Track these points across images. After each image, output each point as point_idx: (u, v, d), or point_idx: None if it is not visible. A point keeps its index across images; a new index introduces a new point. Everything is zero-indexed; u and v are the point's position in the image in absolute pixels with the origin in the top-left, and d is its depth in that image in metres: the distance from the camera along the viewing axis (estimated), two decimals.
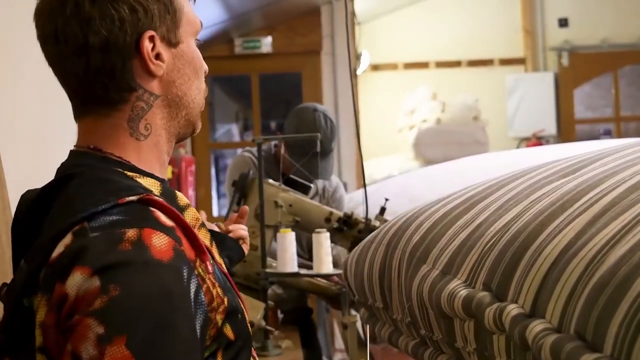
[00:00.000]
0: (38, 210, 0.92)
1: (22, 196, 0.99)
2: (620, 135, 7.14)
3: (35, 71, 2.09)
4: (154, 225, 0.84)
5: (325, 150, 2.53)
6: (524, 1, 7.10)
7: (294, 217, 2.20)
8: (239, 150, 3.43)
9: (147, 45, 0.93)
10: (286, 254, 2.05)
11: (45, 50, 0.96)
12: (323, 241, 2.02)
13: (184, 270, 0.83)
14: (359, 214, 2.21)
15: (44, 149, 2.13)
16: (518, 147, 6.69)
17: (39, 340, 0.84)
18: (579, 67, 6.94)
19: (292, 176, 2.47)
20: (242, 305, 0.97)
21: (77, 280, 0.80)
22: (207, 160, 5.93)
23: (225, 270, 0.99)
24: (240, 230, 1.51)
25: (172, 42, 0.96)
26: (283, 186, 2.25)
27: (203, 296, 0.85)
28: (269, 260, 2.15)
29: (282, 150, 2.57)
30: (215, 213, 6.18)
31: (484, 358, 1.00)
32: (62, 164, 0.98)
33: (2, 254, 1.47)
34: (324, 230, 2.03)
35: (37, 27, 0.95)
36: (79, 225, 0.84)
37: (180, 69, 0.97)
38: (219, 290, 0.89)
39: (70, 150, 0.99)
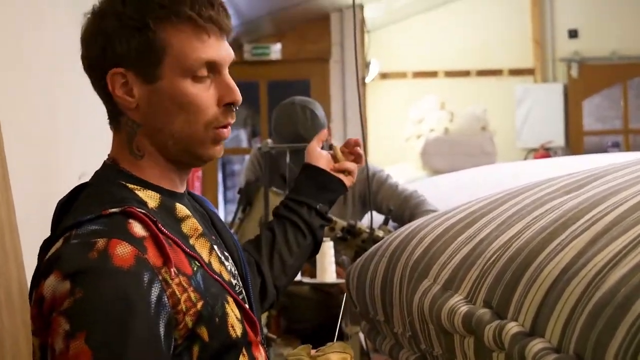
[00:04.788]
0: (59, 213, 1.07)
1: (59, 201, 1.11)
2: (629, 147, 7.10)
3: (42, 77, 2.10)
4: (122, 236, 0.94)
5: (309, 139, 2.50)
6: (534, 12, 7.09)
7: None
8: (247, 157, 3.42)
9: (110, 81, 1.02)
10: None
11: None
12: (327, 250, 2.02)
13: (145, 276, 0.92)
14: (363, 223, 2.20)
15: (50, 154, 2.14)
16: (526, 158, 6.68)
17: (32, 326, 0.97)
18: (588, 78, 6.92)
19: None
20: (234, 311, 1.02)
21: (51, 283, 0.92)
22: (214, 165, 5.94)
23: (220, 277, 1.04)
24: (346, 164, 1.44)
25: (148, 79, 1.02)
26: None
27: (166, 299, 0.93)
28: None
29: (287, 159, 2.56)
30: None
31: None
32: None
33: (6, 257, 1.47)
34: (328, 239, 2.03)
35: None
36: (69, 231, 0.96)
37: (157, 103, 1.03)
38: (191, 294, 0.96)
39: None
